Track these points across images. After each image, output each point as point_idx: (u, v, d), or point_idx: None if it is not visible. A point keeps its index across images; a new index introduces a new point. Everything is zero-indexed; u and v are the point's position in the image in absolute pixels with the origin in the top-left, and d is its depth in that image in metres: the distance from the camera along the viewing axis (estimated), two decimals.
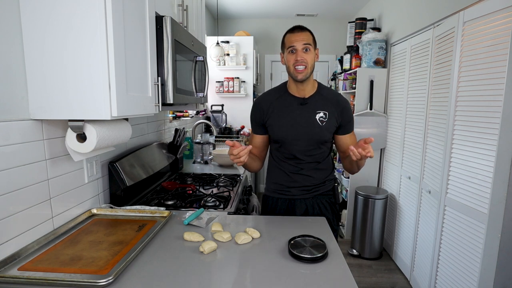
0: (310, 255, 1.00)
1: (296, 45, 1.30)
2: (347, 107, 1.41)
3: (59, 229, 1.14)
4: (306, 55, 1.30)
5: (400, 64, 2.70)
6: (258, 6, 3.81)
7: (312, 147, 1.41)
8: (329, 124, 1.38)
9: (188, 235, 1.13)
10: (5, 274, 0.87)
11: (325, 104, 1.39)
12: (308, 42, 1.30)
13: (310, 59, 1.31)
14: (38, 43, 0.95)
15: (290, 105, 1.40)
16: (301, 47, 1.30)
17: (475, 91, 1.68)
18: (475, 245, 1.66)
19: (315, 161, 1.44)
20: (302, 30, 1.32)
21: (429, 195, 2.13)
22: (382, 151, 3.08)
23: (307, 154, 1.42)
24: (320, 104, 1.39)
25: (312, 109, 1.39)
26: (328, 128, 1.39)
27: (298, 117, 1.38)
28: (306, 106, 1.39)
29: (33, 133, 1.03)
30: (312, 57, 1.32)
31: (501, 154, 1.49)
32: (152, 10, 1.21)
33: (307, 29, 1.35)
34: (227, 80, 3.71)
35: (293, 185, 1.45)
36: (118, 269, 0.88)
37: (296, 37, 1.30)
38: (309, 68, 1.32)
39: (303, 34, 1.31)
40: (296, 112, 1.39)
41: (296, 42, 1.30)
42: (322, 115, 1.38)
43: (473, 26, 1.71)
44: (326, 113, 1.38)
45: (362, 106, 2.99)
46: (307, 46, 1.30)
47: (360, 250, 2.88)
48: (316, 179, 1.45)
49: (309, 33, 1.34)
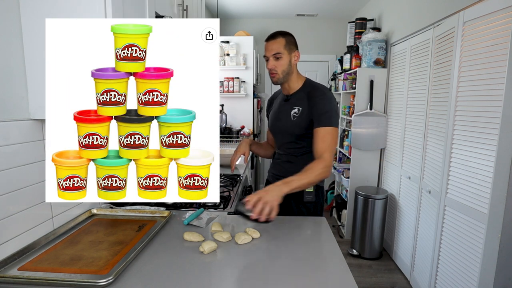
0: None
1: (267, 54, 1.42)
2: (318, 100, 1.40)
3: (59, 229, 1.14)
4: (277, 62, 1.40)
5: (400, 64, 2.70)
6: (258, 6, 3.81)
7: (287, 140, 1.52)
8: (300, 119, 1.44)
9: (188, 235, 1.13)
10: (5, 274, 0.87)
11: (302, 100, 1.45)
12: (277, 52, 1.39)
13: (280, 65, 1.41)
14: (38, 43, 0.95)
15: (278, 102, 1.58)
16: (271, 56, 1.40)
17: (475, 91, 1.68)
18: (475, 245, 1.66)
19: (292, 155, 1.52)
20: (274, 38, 1.40)
21: (429, 195, 2.13)
22: (382, 151, 3.08)
23: (285, 147, 1.55)
24: (297, 100, 1.47)
25: (291, 105, 1.48)
26: (300, 123, 1.44)
27: (280, 112, 1.54)
28: (288, 102, 1.51)
29: (33, 133, 1.03)
30: (283, 63, 1.41)
31: (501, 154, 1.49)
32: (152, 10, 1.21)
33: (281, 34, 1.41)
34: (227, 80, 3.70)
35: (272, 172, 1.63)
36: (118, 269, 0.88)
37: (267, 47, 1.42)
38: (280, 74, 1.42)
39: (274, 43, 1.40)
40: (281, 107, 1.54)
41: (267, 52, 1.42)
42: (296, 110, 1.46)
43: (473, 26, 1.71)
44: (300, 109, 1.45)
45: (362, 106, 2.99)
46: (277, 55, 1.39)
47: (360, 250, 2.88)
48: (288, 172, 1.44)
49: (282, 39, 1.40)
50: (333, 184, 4.21)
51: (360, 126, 2.96)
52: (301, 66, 4.47)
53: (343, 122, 3.52)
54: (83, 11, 0.92)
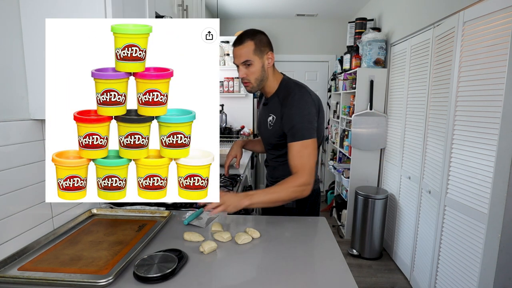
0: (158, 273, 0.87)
1: (236, 62, 1.28)
2: (286, 111, 1.27)
3: (59, 229, 1.14)
4: (248, 70, 1.27)
5: (400, 64, 2.70)
6: (258, 6, 3.81)
7: (268, 146, 1.46)
8: (275, 129, 1.33)
9: (188, 235, 1.13)
10: (5, 274, 0.88)
11: (276, 107, 1.33)
12: (246, 59, 1.25)
13: (252, 73, 1.27)
14: (38, 43, 0.95)
15: (261, 104, 1.50)
16: (241, 64, 1.27)
17: (475, 91, 1.68)
18: (475, 245, 1.66)
19: (275, 161, 1.45)
20: (241, 43, 1.25)
21: (429, 195, 2.13)
22: (382, 151, 3.08)
23: (269, 153, 1.49)
24: (272, 106, 1.35)
25: (268, 111, 1.38)
26: (274, 133, 1.34)
27: (260, 116, 1.48)
28: (266, 107, 1.41)
29: (33, 133, 1.03)
30: (254, 70, 1.27)
31: (501, 154, 1.49)
32: (152, 10, 1.21)
33: (249, 37, 1.26)
34: (227, 80, 3.70)
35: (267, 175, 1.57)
36: (118, 269, 0.88)
37: (235, 53, 1.27)
38: (254, 82, 1.30)
39: (242, 49, 1.25)
40: (261, 112, 1.48)
41: (236, 59, 1.28)
42: (271, 118, 1.35)
43: (473, 26, 1.71)
44: (274, 117, 1.34)
45: (362, 106, 2.99)
46: (247, 63, 1.26)
47: (360, 250, 2.88)
48: (275, 177, 1.45)
49: (251, 43, 1.25)
50: (333, 184, 4.22)
51: (360, 126, 2.96)
52: (301, 66, 4.50)
53: (343, 122, 3.52)
54: (83, 11, 0.92)
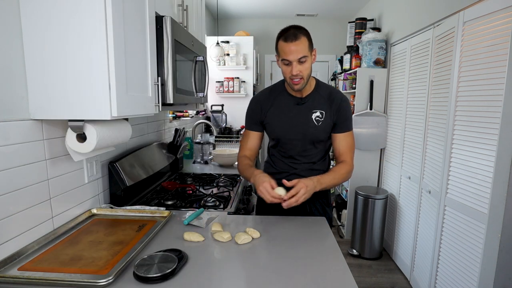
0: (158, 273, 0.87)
1: (290, 58, 1.20)
2: (343, 105, 1.36)
3: (59, 229, 1.14)
4: (302, 66, 1.22)
5: (400, 64, 2.70)
6: (258, 6, 3.81)
7: (307, 147, 1.39)
8: (325, 124, 1.36)
9: (188, 235, 1.13)
10: (5, 274, 0.87)
11: (321, 103, 1.36)
12: (304, 54, 1.20)
13: (306, 69, 1.23)
14: (38, 43, 0.95)
15: (287, 105, 1.38)
16: (296, 61, 1.21)
17: (475, 91, 1.68)
18: (475, 245, 1.66)
19: (311, 162, 1.42)
20: (297, 39, 1.18)
21: (429, 195, 2.13)
22: (382, 151, 3.08)
23: (303, 155, 1.41)
24: (317, 103, 1.36)
25: (309, 109, 1.36)
26: (324, 128, 1.36)
27: (295, 117, 1.37)
28: (303, 106, 1.37)
29: (33, 133, 1.03)
30: (308, 66, 1.24)
31: (501, 154, 1.49)
32: (152, 10, 1.21)
33: (302, 33, 1.20)
34: (227, 80, 3.71)
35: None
36: (118, 269, 0.88)
37: (289, 49, 1.19)
38: (306, 79, 1.26)
39: (298, 45, 1.18)
40: (293, 111, 1.37)
41: (290, 55, 1.19)
42: (319, 114, 1.35)
43: (473, 26, 1.71)
44: (323, 112, 1.35)
45: (362, 106, 2.99)
46: (302, 59, 1.21)
47: (360, 250, 2.88)
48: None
49: (305, 39, 1.21)
50: None
51: (360, 126, 2.96)
52: None
53: None
54: (83, 11, 0.92)
